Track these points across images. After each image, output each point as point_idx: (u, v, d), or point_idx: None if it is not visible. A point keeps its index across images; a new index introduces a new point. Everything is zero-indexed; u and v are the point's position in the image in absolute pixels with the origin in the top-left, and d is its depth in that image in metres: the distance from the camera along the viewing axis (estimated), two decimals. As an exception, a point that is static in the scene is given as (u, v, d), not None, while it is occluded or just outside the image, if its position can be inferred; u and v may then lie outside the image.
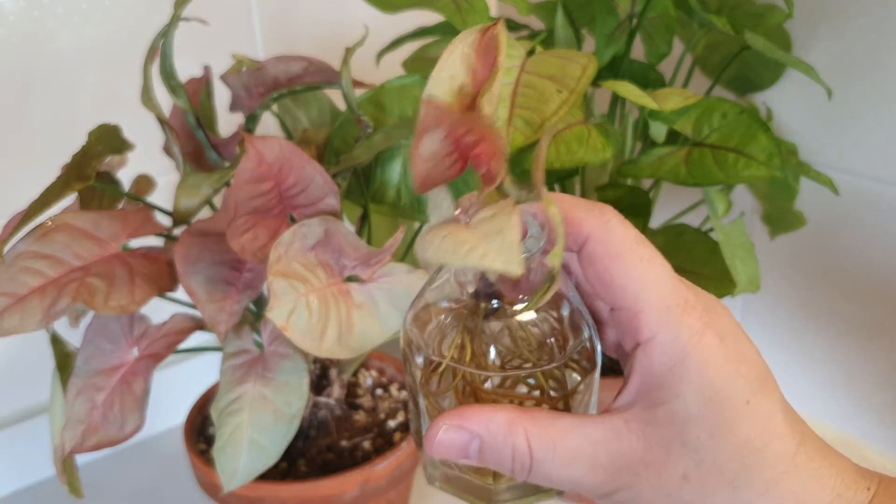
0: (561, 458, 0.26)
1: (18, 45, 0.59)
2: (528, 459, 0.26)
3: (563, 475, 0.27)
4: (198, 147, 0.52)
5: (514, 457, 0.26)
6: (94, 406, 0.45)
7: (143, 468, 0.70)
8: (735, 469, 0.25)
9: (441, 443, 0.27)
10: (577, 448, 0.27)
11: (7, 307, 0.40)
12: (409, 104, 0.51)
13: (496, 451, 0.27)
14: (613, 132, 0.49)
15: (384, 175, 0.51)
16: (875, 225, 0.62)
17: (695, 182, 0.49)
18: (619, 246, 0.26)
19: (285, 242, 0.40)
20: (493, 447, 0.27)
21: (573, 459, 0.26)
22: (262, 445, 0.44)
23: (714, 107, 0.50)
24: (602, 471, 0.26)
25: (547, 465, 0.26)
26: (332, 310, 0.41)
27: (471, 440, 0.27)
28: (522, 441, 0.26)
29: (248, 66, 0.52)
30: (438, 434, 0.27)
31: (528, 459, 0.26)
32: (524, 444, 0.26)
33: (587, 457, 0.26)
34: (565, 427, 0.27)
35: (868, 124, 0.61)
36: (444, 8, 0.49)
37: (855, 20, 0.60)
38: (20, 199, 0.44)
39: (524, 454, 0.26)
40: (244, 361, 0.46)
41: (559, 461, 0.26)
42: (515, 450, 0.26)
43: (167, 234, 0.47)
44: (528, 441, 0.26)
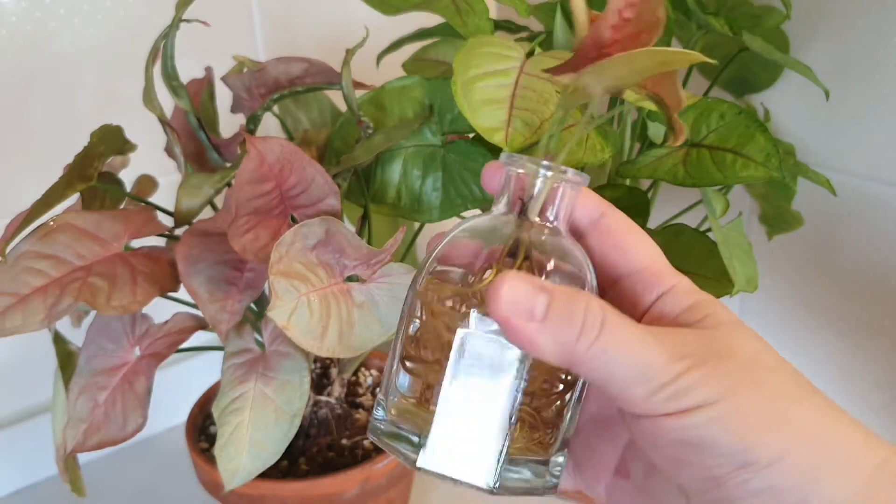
0: (633, 331, 0.25)
1: (20, 45, 0.60)
2: (598, 323, 0.24)
3: (632, 351, 0.25)
4: (199, 148, 0.53)
5: (587, 317, 0.24)
6: (96, 405, 0.45)
7: (145, 467, 0.70)
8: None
9: (504, 297, 0.24)
10: (648, 329, 0.25)
11: (9, 307, 0.40)
12: (410, 105, 0.52)
13: (567, 309, 0.25)
14: (612, 133, 0.49)
15: (384, 175, 0.51)
16: (873, 225, 0.62)
17: (693, 182, 0.49)
18: (629, 222, 0.30)
19: (286, 242, 0.41)
20: (565, 304, 0.25)
21: (645, 336, 0.25)
22: (264, 444, 0.44)
23: (712, 108, 0.50)
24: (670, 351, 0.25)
25: (619, 333, 0.25)
26: (332, 309, 0.41)
27: (538, 293, 0.25)
28: (596, 304, 0.25)
29: (249, 67, 0.52)
30: (503, 287, 0.24)
31: (598, 323, 0.24)
32: (598, 307, 0.25)
33: (657, 340, 0.25)
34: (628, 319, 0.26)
35: (866, 125, 0.61)
36: (443, 10, 0.49)
37: (852, 21, 0.60)
38: (22, 200, 0.44)
39: (597, 315, 0.25)
40: (245, 361, 0.47)
41: (630, 333, 0.25)
42: (589, 310, 0.25)
43: (169, 234, 0.47)
44: (602, 307, 0.25)
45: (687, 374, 0.24)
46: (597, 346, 0.24)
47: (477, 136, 0.46)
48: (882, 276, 0.63)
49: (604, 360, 0.24)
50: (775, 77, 0.66)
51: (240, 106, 0.53)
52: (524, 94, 0.44)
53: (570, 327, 0.25)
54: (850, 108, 0.62)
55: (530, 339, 0.25)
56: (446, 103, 0.51)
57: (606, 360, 0.24)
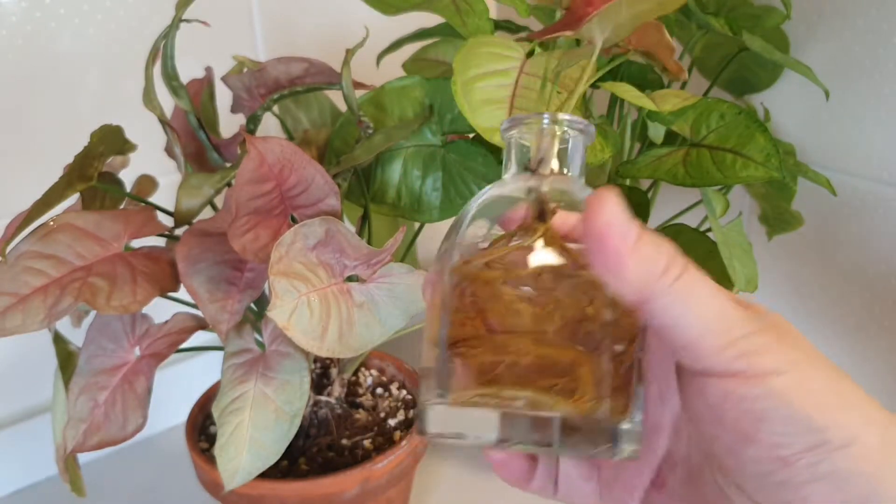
0: (713, 284, 0.24)
1: (20, 46, 0.60)
2: (682, 264, 0.24)
3: (711, 299, 0.24)
4: (199, 148, 0.53)
5: (673, 256, 0.24)
6: (96, 405, 0.45)
7: (145, 467, 0.70)
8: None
9: (606, 211, 0.24)
10: (722, 292, 0.25)
11: (9, 307, 0.40)
12: (409, 105, 0.52)
13: (655, 243, 0.24)
14: (612, 133, 0.50)
15: (384, 175, 0.51)
16: (872, 225, 0.62)
17: (693, 182, 0.49)
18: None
19: (286, 242, 0.41)
20: (653, 239, 0.24)
21: (724, 293, 0.25)
22: (264, 444, 0.44)
23: (712, 108, 0.50)
24: (744, 312, 0.24)
25: (700, 281, 0.24)
26: (332, 309, 0.41)
27: (632, 220, 0.24)
28: (679, 255, 0.25)
29: (249, 67, 0.52)
30: (608, 201, 0.24)
31: (682, 264, 0.24)
32: (681, 257, 0.25)
33: (732, 300, 0.25)
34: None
35: (865, 125, 0.61)
36: (443, 10, 0.49)
37: (852, 21, 0.60)
38: (22, 200, 0.44)
39: (681, 259, 0.24)
40: (245, 360, 0.47)
41: (711, 285, 0.24)
42: (674, 251, 0.24)
43: (169, 234, 0.48)
44: (683, 258, 0.25)
45: (758, 335, 0.24)
46: (679, 283, 0.24)
47: (477, 136, 0.46)
48: (882, 275, 0.63)
49: (682, 300, 0.24)
50: (775, 77, 0.66)
51: (240, 106, 0.53)
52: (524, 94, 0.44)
53: (657, 260, 0.24)
54: (850, 108, 0.62)
55: (620, 260, 0.24)
56: (446, 103, 0.51)
57: (685, 301, 0.24)
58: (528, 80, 0.45)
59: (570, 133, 0.29)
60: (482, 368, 0.27)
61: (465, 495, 0.66)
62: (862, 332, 0.65)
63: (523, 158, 0.30)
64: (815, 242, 0.67)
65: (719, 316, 0.24)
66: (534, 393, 0.26)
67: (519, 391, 0.26)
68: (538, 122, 0.29)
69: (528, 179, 0.30)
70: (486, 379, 0.27)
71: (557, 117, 0.29)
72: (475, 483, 0.67)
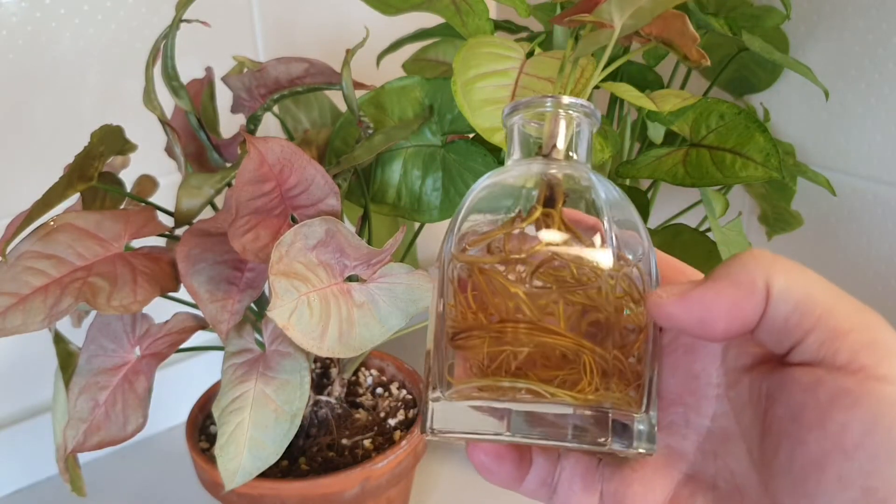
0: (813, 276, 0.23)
1: (20, 46, 0.60)
2: (764, 291, 0.23)
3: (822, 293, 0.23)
4: (200, 148, 0.53)
5: (756, 284, 0.23)
6: (96, 405, 0.45)
7: (146, 466, 0.70)
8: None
9: (664, 301, 0.24)
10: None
11: (10, 307, 0.40)
12: (410, 105, 0.52)
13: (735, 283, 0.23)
14: (612, 133, 0.50)
15: (384, 176, 0.51)
16: (872, 225, 0.62)
17: (692, 182, 0.49)
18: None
19: (286, 242, 0.41)
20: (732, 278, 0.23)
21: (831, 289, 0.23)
22: (264, 443, 0.44)
23: (712, 108, 0.50)
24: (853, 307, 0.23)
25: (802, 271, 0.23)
26: (332, 309, 0.41)
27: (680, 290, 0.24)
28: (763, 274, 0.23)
29: (249, 67, 0.52)
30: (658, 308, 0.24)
31: (764, 291, 0.23)
32: (763, 277, 0.23)
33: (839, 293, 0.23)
34: None
35: (865, 125, 0.61)
36: (443, 10, 0.49)
37: (852, 22, 0.60)
38: (22, 200, 0.44)
39: (763, 286, 0.23)
40: (246, 360, 0.47)
41: (812, 276, 0.23)
42: (755, 281, 0.23)
43: (169, 234, 0.48)
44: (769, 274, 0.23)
45: (870, 329, 0.22)
46: (791, 277, 0.23)
47: (477, 136, 0.46)
48: (882, 275, 0.63)
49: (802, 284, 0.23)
50: (775, 77, 0.66)
51: (240, 106, 0.53)
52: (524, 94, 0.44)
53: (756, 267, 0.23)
54: (849, 108, 0.62)
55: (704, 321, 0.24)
56: (446, 103, 0.51)
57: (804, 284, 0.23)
58: (528, 81, 0.45)
59: (578, 117, 0.29)
60: (482, 360, 0.26)
61: (465, 495, 0.66)
62: (861, 332, 0.65)
63: (529, 144, 0.29)
64: (814, 242, 0.67)
65: (836, 302, 0.22)
66: (534, 384, 0.25)
67: (519, 383, 0.25)
68: (544, 105, 0.29)
69: (532, 164, 0.29)
70: (485, 371, 0.26)
71: (564, 100, 0.29)
72: (475, 483, 0.67)
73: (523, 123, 0.29)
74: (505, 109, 0.30)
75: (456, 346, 0.27)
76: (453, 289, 0.27)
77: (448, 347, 0.27)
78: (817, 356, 0.22)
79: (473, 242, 0.27)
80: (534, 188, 0.28)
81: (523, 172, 0.29)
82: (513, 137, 0.30)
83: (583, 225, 0.27)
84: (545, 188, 0.28)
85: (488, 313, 0.26)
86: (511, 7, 0.50)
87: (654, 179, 0.60)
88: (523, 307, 0.25)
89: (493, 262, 0.26)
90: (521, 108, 0.29)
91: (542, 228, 0.27)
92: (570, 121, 0.29)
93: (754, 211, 0.69)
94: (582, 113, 0.29)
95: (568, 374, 0.25)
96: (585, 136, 0.29)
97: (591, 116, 0.29)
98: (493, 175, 0.29)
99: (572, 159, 0.29)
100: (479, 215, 0.28)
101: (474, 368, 0.26)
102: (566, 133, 0.29)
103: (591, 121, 0.29)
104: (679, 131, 0.51)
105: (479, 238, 0.27)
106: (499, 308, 0.26)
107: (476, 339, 0.26)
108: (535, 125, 0.29)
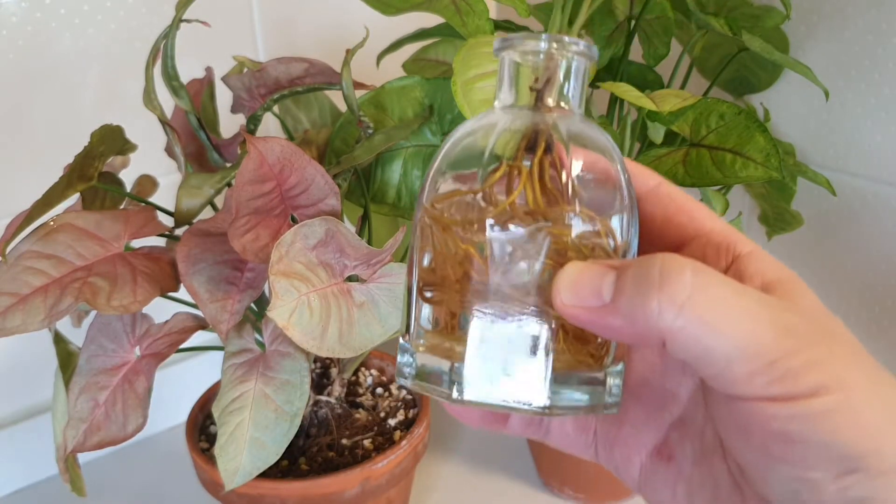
0: (730, 292, 0.21)
1: (21, 46, 0.60)
2: (687, 285, 0.20)
3: (733, 317, 0.20)
4: (199, 148, 0.53)
5: (668, 279, 0.20)
6: (96, 405, 0.45)
7: (145, 466, 0.70)
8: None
9: (563, 288, 0.22)
10: (746, 290, 0.21)
11: (10, 307, 0.40)
12: (410, 105, 0.52)
13: (640, 275, 0.21)
14: (612, 133, 0.50)
15: (384, 176, 0.51)
16: (872, 225, 0.62)
17: (692, 182, 0.49)
18: (687, 194, 0.27)
19: (287, 242, 0.41)
20: (637, 272, 0.21)
21: (745, 299, 0.21)
22: (264, 443, 0.44)
23: (712, 108, 0.50)
24: (777, 319, 0.21)
25: (714, 294, 0.20)
26: (333, 309, 0.41)
27: (605, 271, 0.22)
28: (678, 263, 0.21)
29: (249, 67, 0.52)
30: (560, 279, 0.22)
31: (687, 285, 0.20)
32: (681, 265, 0.21)
33: (759, 304, 0.21)
34: (722, 275, 0.21)
35: (865, 125, 0.61)
36: (443, 10, 0.49)
37: (852, 21, 0.60)
38: (22, 200, 0.44)
39: (683, 276, 0.20)
40: (246, 360, 0.47)
41: (728, 293, 0.21)
42: (669, 270, 0.21)
43: (169, 234, 0.48)
44: (686, 263, 0.21)
45: (798, 353, 0.21)
46: (687, 313, 0.20)
47: (477, 136, 0.46)
48: (882, 275, 0.63)
49: (699, 332, 0.20)
50: (775, 77, 0.66)
51: (240, 106, 0.53)
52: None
53: (647, 296, 0.21)
54: (849, 108, 0.62)
55: (604, 325, 0.22)
56: (446, 103, 0.51)
57: (702, 332, 0.20)
58: (528, 81, 0.45)
59: (577, 59, 0.26)
60: (441, 317, 0.26)
61: (465, 495, 0.66)
62: (862, 332, 0.65)
63: (518, 85, 0.27)
64: (814, 243, 0.67)
65: (748, 338, 0.20)
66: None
67: (457, 346, 0.24)
68: (538, 45, 0.26)
69: (520, 109, 0.27)
70: (442, 328, 0.25)
71: (563, 40, 0.26)
72: (475, 483, 0.67)
73: (513, 62, 0.27)
74: (496, 43, 0.27)
75: (423, 300, 0.26)
76: (422, 240, 0.26)
77: (416, 296, 0.26)
78: (742, 392, 0.21)
79: (444, 196, 0.26)
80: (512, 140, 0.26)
81: (507, 119, 0.27)
82: (502, 76, 0.27)
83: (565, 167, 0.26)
84: (525, 141, 0.26)
85: (446, 270, 0.26)
86: (511, 7, 0.50)
87: (654, 179, 0.60)
88: (477, 269, 0.25)
89: (458, 223, 0.25)
90: (510, 46, 0.26)
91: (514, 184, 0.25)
92: (558, 62, 0.26)
93: (754, 211, 0.69)
94: (579, 55, 0.26)
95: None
96: (580, 80, 0.27)
97: (587, 57, 0.26)
98: (481, 117, 0.27)
99: (563, 107, 0.27)
100: (453, 171, 0.27)
101: (434, 324, 0.26)
102: (559, 78, 0.26)
103: (587, 62, 0.27)
104: (679, 131, 0.51)
105: (446, 195, 0.26)
106: (455, 267, 0.25)
107: (439, 296, 0.26)
108: (529, 59, 0.27)
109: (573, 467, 0.63)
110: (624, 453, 0.28)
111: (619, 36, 0.56)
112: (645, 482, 0.27)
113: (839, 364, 0.21)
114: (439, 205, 0.26)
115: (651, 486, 0.27)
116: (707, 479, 0.25)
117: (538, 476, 0.67)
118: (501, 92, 0.27)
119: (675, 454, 0.27)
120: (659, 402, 0.27)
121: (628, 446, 0.28)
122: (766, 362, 0.20)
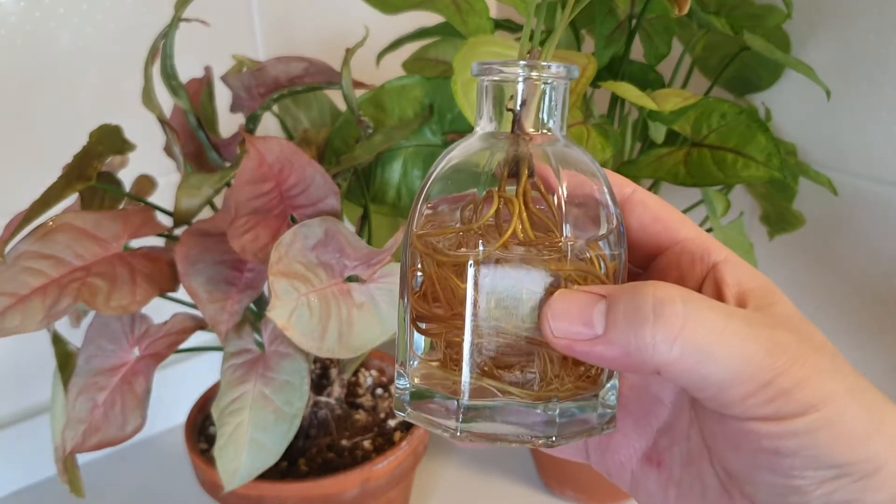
0: (722, 317, 0.21)
1: (19, 45, 0.60)
2: (679, 314, 0.21)
3: (727, 343, 0.21)
4: (199, 147, 0.53)
5: (661, 310, 0.21)
6: (95, 405, 0.45)
7: (144, 467, 0.70)
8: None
9: (554, 319, 0.22)
10: (736, 312, 0.22)
11: (9, 307, 0.40)
12: (409, 105, 0.51)
13: (633, 308, 0.21)
14: (613, 133, 0.49)
15: (384, 175, 0.51)
16: (874, 225, 0.62)
17: (694, 182, 0.49)
18: (662, 200, 0.27)
19: (286, 243, 0.40)
20: (630, 305, 0.22)
21: (736, 322, 0.21)
22: (263, 444, 0.44)
23: (713, 107, 0.50)
24: (766, 340, 0.21)
25: (707, 321, 0.21)
26: (332, 309, 0.41)
27: (595, 301, 0.22)
28: (670, 292, 0.21)
29: (248, 66, 0.52)
30: (550, 310, 0.22)
31: (679, 314, 0.21)
32: (673, 294, 0.21)
33: (749, 326, 0.21)
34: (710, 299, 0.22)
35: (867, 124, 0.61)
36: (443, 9, 0.49)
37: (854, 21, 0.60)
38: (21, 199, 0.44)
39: (675, 305, 0.21)
40: (245, 361, 0.46)
41: (721, 319, 0.21)
42: (661, 301, 0.21)
43: (168, 234, 0.47)
44: (678, 292, 0.21)
45: (789, 372, 0.21)
46: (682, 344, 0.21)
47: (477, 135, 0.45)
48: (883, 275, 0.62)
49: (694, 361, 0.21)
50: (776, 77, 0.65)
51: (239, 105, 0.53)
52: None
53: (641, 329, 0.21)
54: (851, 107, 0.62)
55: (596, 355, 0.22)
56: (446, 103, 0.51)
57: (697, 360, 0.21)
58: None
59: (556, 82, 0.26)
60: (438, 349, 0.26)
61: (465, 495, 0.66)
62: (863, 332, 0.65)
63: (498, 110, 0.26)
64: (816, 242, 0.67)
65: (742, 360, 0.21)
66: (486, 382, 0.24)
67: (452, 375, 0.24)
68: (516, 72, 0.26)
69: (496, 144, 0.26)
70: (440, 361, 0.25)
71: (540, 65, 0.25)
72: (475, 483, 0.67)
73: (492, 86, 0.26)
74: (474, 67, 0.26)
75: (417, 330, 0.26)
76: (412, 274, 0.26)
77: (412, 329, 0.26)
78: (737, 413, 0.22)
79: (431, 231, 0.26)
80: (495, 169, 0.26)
81: (488, 146, 0.26)
82: (481, 101, 0.27)
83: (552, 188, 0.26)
84: (506, 170, 0.26)
85: (436, 301, 0.25)
86: (511, 6, 0.50)
87: (656, 179, 0.60)
88: (464, 302, 0.24)
89: (451, 260, 0.25)
90: (485, 71, 0.26)
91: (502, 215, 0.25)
92: (514, 83, 0.26)
93: (756, 211, 0.69)
94: (558, 78, 0.26)
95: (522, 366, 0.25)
96: (559, 104, 0.26)
97: (566, 80, 0.26)
98: (461, 143, 0.27)
99: (544, 132, 0.26)
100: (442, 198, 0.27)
101: (437, 354, 0.26)
102: (538, 102, 0.26)
103: (566, 84, 0.26)
104: (680, 131, 0.51)
105: (438, 229, 0.26)
106: (445, 299, 0.25)
107: (435, 329, 0.26)
108: (506, 85, 0.26)
109: (574, 469, 0.63)
110: (615, 460, 0.29)
111: (620, 35, 0.56)
112: (638, 487, 0.28)
113: (825, 379, 0.22)
114: (432, 238, 0.26)
115: (644, 490, 0.28)
116: (696, 482, 0.26)
117: (539, 477, 0.67)
118: (481, 118, 0.27)
119: (664, 459, 0.27)
120: (645, 408, 0.28)
121: (619, 453, 0.28)
122: (760, 385, 0.21)
